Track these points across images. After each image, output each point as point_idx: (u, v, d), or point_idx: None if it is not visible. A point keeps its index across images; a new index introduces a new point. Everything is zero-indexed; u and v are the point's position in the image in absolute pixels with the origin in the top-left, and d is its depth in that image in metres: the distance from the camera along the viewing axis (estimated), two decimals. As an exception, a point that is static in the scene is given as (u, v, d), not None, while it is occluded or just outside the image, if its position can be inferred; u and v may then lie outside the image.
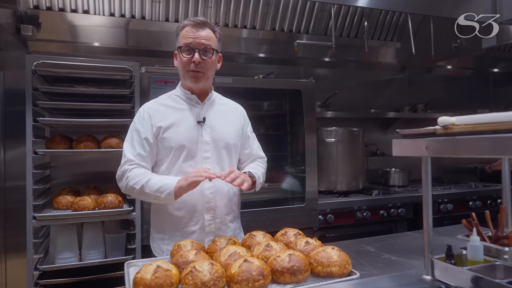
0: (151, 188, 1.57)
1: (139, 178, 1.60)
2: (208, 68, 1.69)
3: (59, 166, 2.86)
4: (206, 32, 1.67)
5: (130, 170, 1.63)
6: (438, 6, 2.94)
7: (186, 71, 1.68)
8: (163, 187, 1.56)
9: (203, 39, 1.65)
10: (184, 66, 1.67)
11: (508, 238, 1.36)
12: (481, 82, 4.84)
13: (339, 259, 1.26)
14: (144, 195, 1.61)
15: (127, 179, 1.62)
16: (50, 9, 2.80)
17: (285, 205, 2.92)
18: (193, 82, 1.69)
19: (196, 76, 1.68)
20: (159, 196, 1.57)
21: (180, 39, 1.68)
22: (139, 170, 1.63)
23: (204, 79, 1.70)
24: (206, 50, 1.66)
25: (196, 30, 1.65)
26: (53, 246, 2.25)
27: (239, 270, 1.16)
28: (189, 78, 1.68)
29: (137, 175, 1.61)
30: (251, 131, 1.91)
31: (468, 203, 3.51)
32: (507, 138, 0.93)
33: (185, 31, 1.66)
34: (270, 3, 3.26)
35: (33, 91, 2.22)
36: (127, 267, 1.38)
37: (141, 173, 1.62)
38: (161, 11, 3.03)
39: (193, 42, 1.64)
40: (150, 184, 1.58)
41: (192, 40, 1.64)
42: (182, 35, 1.67)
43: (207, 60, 1.66)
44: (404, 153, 1.27)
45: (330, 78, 4.02)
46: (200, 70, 1.66)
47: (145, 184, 1.58)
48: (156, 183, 1.58)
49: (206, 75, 1.70)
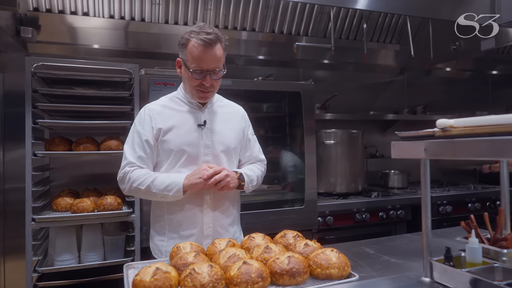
0: (158, 187, 1.59)
1: (144, 179, 1.61)
2: (217, 86, 1.70)
3: (58, 168, 2.86)
4: (217, 51, 1.60)
5: (132, 171, 1.63)
6: (437, 8, 2.95)
7: (195, 90, 1.66)
8: (171, 185, 1.59)
9: (214, 63, 1.60)
10: (194, 85, 1.65)
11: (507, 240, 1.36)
12: (480, 84, 4.85)
13: (338, 261, 1.26)
14: (151, 195, 1.63)
15: (130, 181, 1.62)
16: (49, 11, 2.80)
17: (285, 207, 2.92)
18: (202, 100, 1.71)
19: (205, 97, 1.69)
20: (167, 195, 1.59)
21: (188, 56, 1.60)
22: (141, 171, 1.64)
23: (211, 96, 1.73)
24: (216, 72, 1.63)
25: (207, 51, 1.57)
26: (52, 248, 2.24)
27: (238, 272, 1.16)
28: (198, 97, 1.69)
29: (140, 175, 1.62)
30: (252, 134, 1.91)
31: (467, 205, 3.51)
32: (505, 140, 0.93)
33: (196, 50, 1.57)
34: (269, 5, 3.27)
35: (33, 93, 2.22)
36: (126, 269, 1.38)
37: (144, 174, 1.63)
38: (160, 13, 3.04)
39: (205, 66, 1.59)
40: (157, 184, 1.60)
41: (204, 64, 1.59)
42: (192, 52, 1.58)
43: (216, 80, 1.66)
44: (402, 155, 1.27)
45: (329, 80, 4.03)
46: (210, 90, 1.67)
47: (151, 184, 1.60)
48: (163, 181, 1.60)
49: (215, 92, 1.74)
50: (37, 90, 2.24)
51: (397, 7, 2.94)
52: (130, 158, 1.65)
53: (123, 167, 1.67)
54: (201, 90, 1.65)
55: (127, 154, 1.67)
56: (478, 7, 2.80)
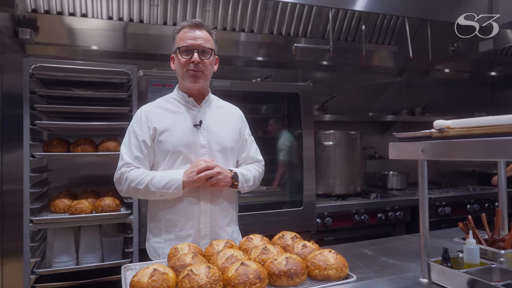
0: (157, 185, 1.59)
1: (141, 178, 1.61)
2: (207, 67, 1.70)
3: (56, 170, 2.85)
4: (203, 33, 1.69)
5: (129, 171, 1.63)
6: (435, 9, 2.95)
7: (185, 71, 1.68)
8: (170, 183, 1.59)
9: (201, 40, 1.67)
10: (183, 66, 1.68)
11: (504, 241, 1.37)
12: (479, 85, 4.86)
13: (336, 262, 1.26)
14: (150, 194, 1.63)
15: (128, 181, 1.62)
16: (48, 13, 2.80)
17: (283, 208, 2.92)
18: (193, 81, 1.69)
19: (195, 75, 1.68)
20: (166, 192, 1.60)
21: (177, 41, 1.69)
22: (138, 171, 1.63)
23: (203, 79, 1.71)
24: (205, 50, 1.67)
25: (193, 31, 1.67)
26: (50, 249, 2.24)
27: (236, 273, 1.15)
28: (188, 77, 1.68)
29: (137, 175, 1.62)
30: (249, 134, 1.90)
31: (466, 206, 3.51)
32: (502, 141, 0.93)
33: (183, 33, 1.68)
34: (268, 6, 3.27)
35: (31, 94, 2.21)
36: (124, 270, 1.38)
37: (141, 173, 1.62)
38: (159, 14, 3.04)
39: (192, 43, 1.65)
40: (155, 182, 1.60)
41: (191, 41, 1.65)
42: (180, 37, 1.69)
43: (206, 60, 1.68)
44: (400, 156, 1.28)
45: (328, 81, 4.03)
46: (199, 69, 1.67)
47: (149, 183, 1.60)
48: (161, 179, 1.60)
49: (205, 75, 1.71)
50: (35, 91, 2.24)
51: (396, 9, 2.94)
52: (127, 158, 1.65)
53: (119, 168, 1.66)
54: (191, 69, 1.66)
55: (123, 155, 1.67)
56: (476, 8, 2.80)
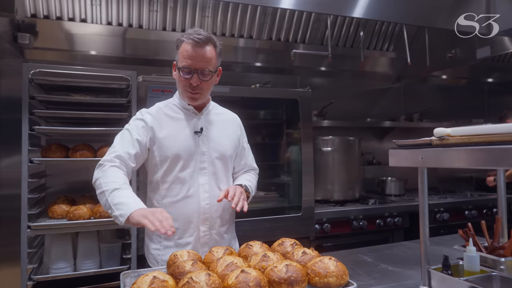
0: (112, 199, 1.44)
1: (110, 180, 1.49)
2: (206, 89, 1.67)
3: (54, 175, 2.84)
4: (207, 51, 1.61)
5: (109, 166, 1.54)
6: (433, 17, 2.97)
7: (184, 90, 1.67)
8: (121, 205, 1.41)
9: (203, 62, 1.60)
10: (182, 84, 1.66)
11: (504, 249, 1.37)
12: (476, 92, 4.89)
13: (336, 269, 1.25)
14: (103, 201, 1.49)
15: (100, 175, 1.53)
16: (47, 18, 2.80)
17: (282, 214, 2.91)
18: (190, 102, 1.69)
19: (193, 98, 1.67)
20: (111, 212, 1.44)
21: (179, 56, 1.63)
22: (116, 173, 1.53)
23: (201, 99, 1.70)
24: (204, 73, 1.62)
25: (197, 49, 1.59)
26: (48, 255, 2.22)
27: (236, 281, 1.15)
28: (187, 97, 1.68)
29: (110, 176, 1.50)
30: (246, 142, 1.92)
31: (464, 212, 3.52)
32: (502, 149, 0.94)
33: (186, 49, 1.60)
34: (266, 12, 3.29)
35: (30, 99, 2.21)
36: (123, 277, 1.37)
37: (115, 176, 1.51)
38: (158, 20, 3.05)
39: (192, 64, 1.59)
40: (114, 195, 1.45)
41: (191, 62, 1.59)
42: (182, 52, 1.61)
43: (205, 82, 1.64)
44: (400, 163, 1.28)
45: (327, 87, 4.05)
46: (197, 91, 1.65)
47: (109, 191, 1.46)
48: (120, 195, 1.44)
49: (204, 95, 1.70)
50: (34, 96, 2.24)
51: (394, 16, 2.96)
52: (118, 149, 1.59)
53: (107, 154, 1.59)
54: (189, 90, 1.65)
55: (116, 143, 1.62)
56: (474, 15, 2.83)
